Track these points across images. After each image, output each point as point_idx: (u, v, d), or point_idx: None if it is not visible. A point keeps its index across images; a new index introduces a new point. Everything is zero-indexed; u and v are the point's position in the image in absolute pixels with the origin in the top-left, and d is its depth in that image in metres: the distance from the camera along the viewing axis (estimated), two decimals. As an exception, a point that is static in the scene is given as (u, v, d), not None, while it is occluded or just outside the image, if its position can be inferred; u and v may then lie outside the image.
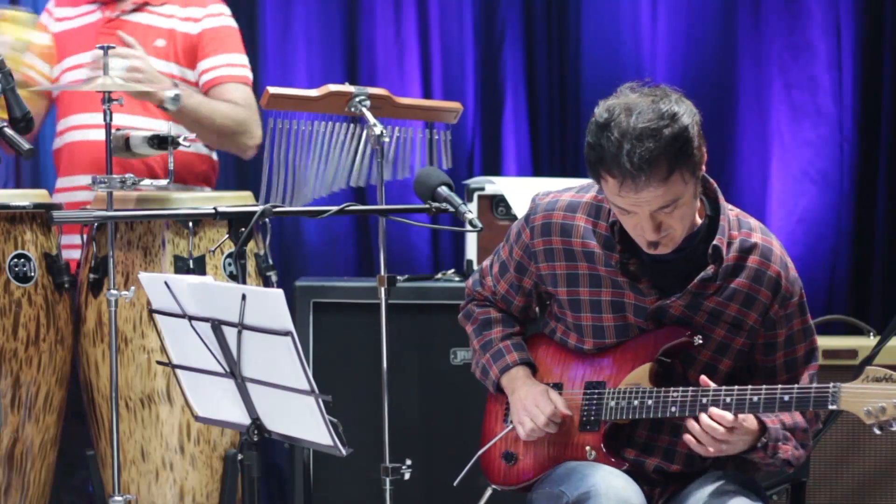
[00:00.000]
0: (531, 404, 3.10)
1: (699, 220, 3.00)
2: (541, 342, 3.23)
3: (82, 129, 4.20)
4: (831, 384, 2.84)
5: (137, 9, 4.26)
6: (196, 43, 4.26)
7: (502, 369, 3.19)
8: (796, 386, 2.91)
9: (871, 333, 4.43)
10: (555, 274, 3.13)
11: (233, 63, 4.28)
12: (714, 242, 2.97)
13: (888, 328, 3.95)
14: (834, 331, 4.68)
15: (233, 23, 4.34)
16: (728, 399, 2.90)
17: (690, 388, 2.95)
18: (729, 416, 2.89)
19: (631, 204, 2.86)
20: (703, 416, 2.90)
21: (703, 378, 2.94)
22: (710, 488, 2.98)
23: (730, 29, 5.14)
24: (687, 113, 2.86)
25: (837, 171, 5.10)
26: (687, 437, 2.93)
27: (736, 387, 2.91)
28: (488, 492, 3.26)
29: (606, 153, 2.83)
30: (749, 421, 2.92)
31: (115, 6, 4.27)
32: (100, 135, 3.82)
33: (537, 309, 3.30)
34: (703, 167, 2.92)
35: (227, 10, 4.35)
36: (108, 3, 4.28)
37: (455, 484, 3.21)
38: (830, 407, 2.84)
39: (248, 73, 4.31)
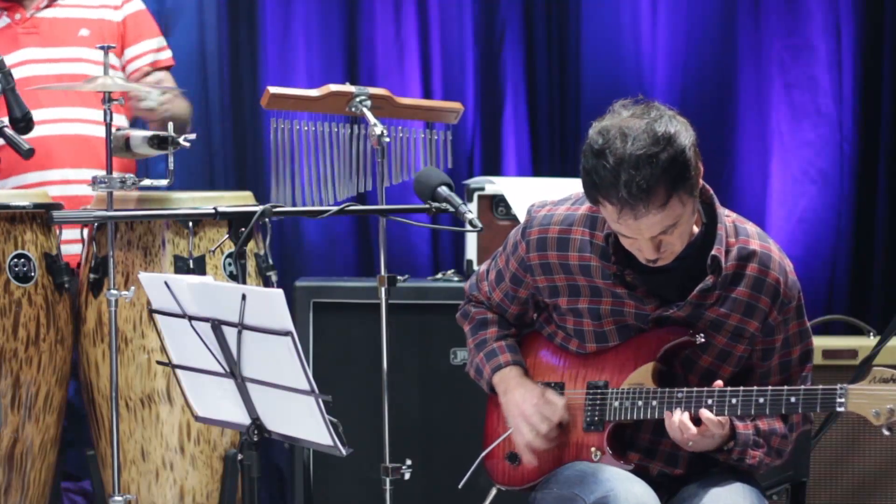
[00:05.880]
0: (531, 411, 3.07)
1: (696, 229, 2.96)
2: (539, 341, 3.21)
3: (57, 124, 4.12)
4: (838, 385, 2.81)
5: (48, 4, 4.24)
6: (120, 30, 4.29)
7: (494, 368, 3.18)
8: (803, 387, 2.88)
9: (871, 333, 4.42)
10: (555, 286, 3.10)
11: (161, 47, 4.35)
12: (713, 253, 2.94)
13: (888, 328, 3.95)
14: (834, 331, 4.68)
15: (144, 5, 4.39)
16: (734, 400, 2.88)
17: (695, 389, 2.93)
18: (713, 419, 2.88)
19: (631, 231, 2.83)
20: (677, 415, 2.89)
21: (718, 383, 2.91)
22: (709, 489, 2.97)
23: (730, 29, 5.14)
24: (683, 133, 2.80)
25: (837, 171, 5.10)
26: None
27: (741, 388, 2.89)
28: (493, 492, 3.26)
29: (603, 181, 2.78)
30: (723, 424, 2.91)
31: (24, 8, 4.21)
32: (77, 129, 3.96)
33: (535, 315, 3.28)
34: (700, 182, 2.89)
35: None
36: (10, 8, 4.21)
37: (460, 487, 3.21)
38: (838, 409, 2.80)
39: (170, 54, 4.38)
